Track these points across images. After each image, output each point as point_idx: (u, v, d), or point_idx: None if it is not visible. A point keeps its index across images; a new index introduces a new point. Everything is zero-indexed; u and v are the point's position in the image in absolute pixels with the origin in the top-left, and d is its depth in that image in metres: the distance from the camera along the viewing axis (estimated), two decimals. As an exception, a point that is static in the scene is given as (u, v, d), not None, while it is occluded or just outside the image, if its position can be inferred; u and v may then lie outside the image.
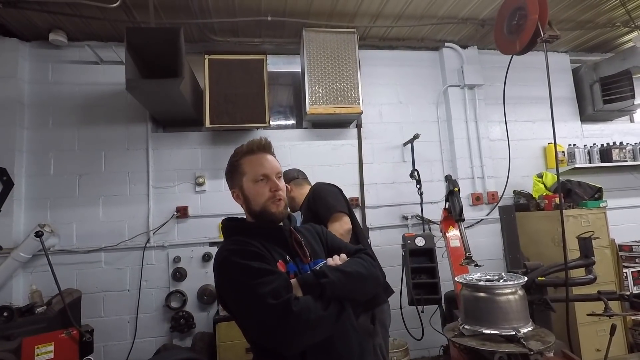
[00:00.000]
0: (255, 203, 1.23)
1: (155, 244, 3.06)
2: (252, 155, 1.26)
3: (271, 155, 1.30)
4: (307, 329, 1.02)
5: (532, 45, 2.39)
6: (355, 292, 1.17)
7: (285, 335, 1.00)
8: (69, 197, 3.02)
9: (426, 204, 3.36)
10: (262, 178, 1.23)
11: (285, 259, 1.18)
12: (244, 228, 1.25)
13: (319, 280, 1.09)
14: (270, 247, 1.19)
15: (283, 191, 1.25)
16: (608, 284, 2.98)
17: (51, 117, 3.09)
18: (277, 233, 1.24)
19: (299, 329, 1.01)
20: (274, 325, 1.00)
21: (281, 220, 1.25)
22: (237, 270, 1.08)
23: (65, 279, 2.77)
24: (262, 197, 1.22)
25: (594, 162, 3.69)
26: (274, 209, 1.22)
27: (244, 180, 1.25)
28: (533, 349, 1.44)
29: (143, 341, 2.95)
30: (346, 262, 1.22)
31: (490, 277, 1.76)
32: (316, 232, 1.40)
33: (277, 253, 1.19)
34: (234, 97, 2.99)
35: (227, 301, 1.16)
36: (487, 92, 3.73)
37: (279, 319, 1.00)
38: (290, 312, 1.00)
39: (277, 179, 1.25)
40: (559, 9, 3.23)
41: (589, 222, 3.10)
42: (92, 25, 3.00)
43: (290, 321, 1.00)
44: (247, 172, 1.25)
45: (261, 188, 1.22)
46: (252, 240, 1.17)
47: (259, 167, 1.24)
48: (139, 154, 3.16)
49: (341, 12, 3.12)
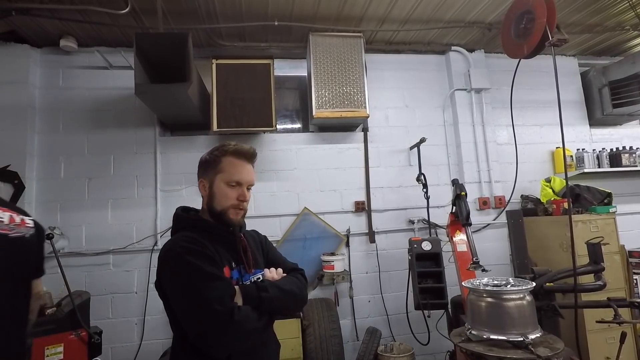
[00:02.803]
0: (218, 203, 1.26)
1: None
2: (234, 159, 1.30)
3: (251, 166, 1.34)
4: (243, 337, 1.11)
5: (540, 49, 2.38)
6: (286, 309, 1.27)
7: (222, 340, 1.08)
8: (78, 200, 3.06)
9: (432, 208, 3.35)
10: (234, 184, 1.27)
11: (231, 265, 1.24)
12: (198, 224, 1.29)
13: (259, 294, 1.17)
14: (220, 250, 1.23)
15: (247, 203, 1.31)
16: (618, 291, 2.94)
17: (61, 121, 3.14)
18: (228, 237, 1.29)
19: (236, 336, 1.09)
20: (215, 330, 1.07)
21: (234, 226, 1.31)
22: (189, 270, 1.12)
23: (74, 281, 2.80)
24: (228, 201, 1.26)
25: (603, 167, 3.65)
26: (233, 215, 1.27)
27: (217, 178, 1.28)
28: (541, 355, 1.43)
29: (150, 343, 2.97)
30: (284, 280, 1.30)
31: (498, 283, 1.75)
32: (259, 240, 1.46)
33: (225, 257, 1.23)
34: (241, 101, 3.01)
35: (169, 293, 1.19)
36: (494, 96, 3.71)
37: (220, 325, 1.07)
38: (232, 321, 1.07)
39: (247, 191, 1.31)
40: (567, 12, 3.21)
41: (598, 228, 3.06)
42: (101, 31, 3.05)
43: (230, 328, 1.07)
44: (223, 172, 1.28)
45: (230, 192, 1.26)
46: (203, 239, 1.20)
47: (236, 172, 1.28)
48: (147, 157, 3.19)
49: (347, 17, 3.13)
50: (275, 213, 3.27)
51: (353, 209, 3.38)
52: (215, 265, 1.16)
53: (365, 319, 3.26)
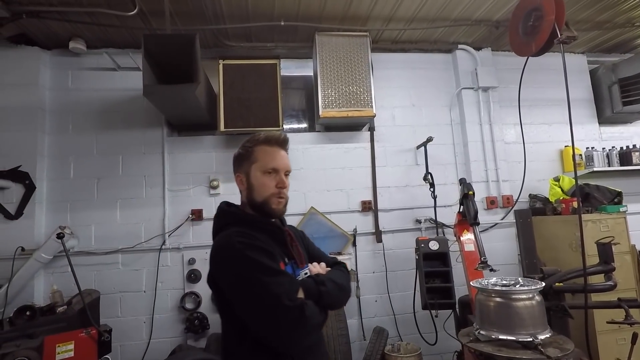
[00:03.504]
0: (258, 194, 1.22)
1: (170, 246, 3.11)
2: (267, 146, 1.26)
3: (285, 152, 1.29)
4: (312, 332, 1.09)
5: (548, 46, 2.35)
6: (338, 303, 1.24)
7: (293, 336, 1.04)
8: (87, 200, 3.09)
9: (440, 207, 3.33)
10: (271, 171, 1.23)
11: (284, 260, 1.21)
12: (247, 219, 1.24)
13: (319, 288, 1.14)
14: (273, 245, 1.20)
15: (287, 190, 1.26)
16: (629, 291, 2.90)
17: (71, 122, 3.18)
18: (277, 232, 1.26)
19: (306, 331, 1.06)
20: (286, 327, 1.03)
21: (278, 217, 1.28)
22: (252, 266, 1.07)
23: (84, 280, 2.84)
24: (267, 190, 1.22)
25: (613, 166, 3.60)
26: (275, 205, 1.22)
27: (253, 168, 1.24)
28: (551, 356, 1.42)
29: (158, 341, 3.00)
30: (334, 274, 1.26)
31: (507, 282, 1.74)
32: (300, 236, 1.42)
33: (277, 252, 1.19)
34: (248, 102, 3.02)
35: (228, 290, 1.12)
36: (502, 95, 3.68)
37: (292, 321, 1.03)
38: (303, 316, 1.04)
39: (285, 177, 1.25)
40: (576, 9, 3.17)
41: (608, 227, 3.02)
42: (110, 33, 3.08)
43: (301, 324, 1.04)
44: (257, 161, 1.24)
45: (268, 180, 1.22)
46: (256, 234, 1.17)
47: (271, 159, 1.23)
48: (154, 157, 3.22)
49: (353, 16, 3.13)
50: (282, 213, 3.27)
51: (360, 209, 3.38)
52: (275, 260, 1.13)
53: (372, 319, 3.26)
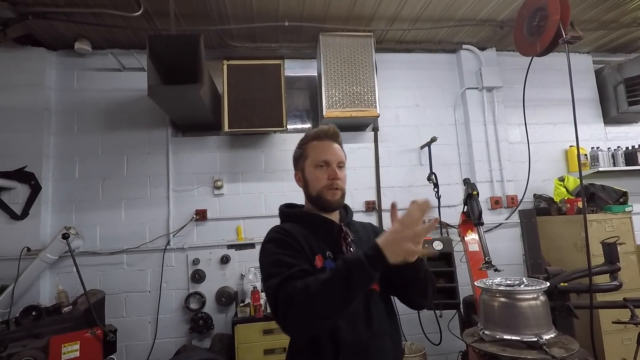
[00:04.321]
0: (313, 188, 1.27)
1: (175, 246, 3.12)
2: (317, 141, 1.31)
3: (337, 145, 1.32)
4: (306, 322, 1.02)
5: (553, 46, 2.35)
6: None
7: (283, 324, 1.03)
8: (92, 200, 3.11)
9: (444, 207, 3.33)
10: (322, 164, 1.26)
11: (325, 254, 1.19)
12: (297, 216, 1.31)
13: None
14: (315, 239, 1.21)
15: (342, 181, 1.28)
16: (634, 291, 2.87)
17: (76, 123, 3.20)
18: (326, 227, 1.26)
19: (295, 321, 1.01)
20: (277, 315, 1.03)
21: (335, 208, 1.29)
22: (267, 256, 1.15)
23: (89, 280, 2.85)
24: (320, 183, 1.25)
25: (619, 166, 3.58)
26: (330, 196, 1.25)
27: (306, 164, 1.30)
28: (556, 356, 1.41)
29: (163, 341, 3.01)
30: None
31: (511, 282, 1.74)
32: (374, 232, 1.39)
33: (319, 247, 1.20)
34: (252, 102, 3.03)
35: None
36: (506, 94, 3.67)
37: (276, 310, 1.02)
38: (289, 307, 1.01)
39: (338, 168, 1.28)
40: (581, 9, 3.16)
41: (613, 227, 3.01)
42: (115, 34, 3.10)
43: (284, 314, 1.01)
44: (309, 156, 1.30)
45: (320, 173, 1.26)
46: (302, 228, 1.22)
47: (321, 152, 1.28)
48: (159, 158, 3.23)
49: (358, 16, 3.13)
50: (285, 213, 3.28)
51: (364, 209, 3.37)
52: (295, 253, 1.13)
53: (376, 319, 3.25)
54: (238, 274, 3.15)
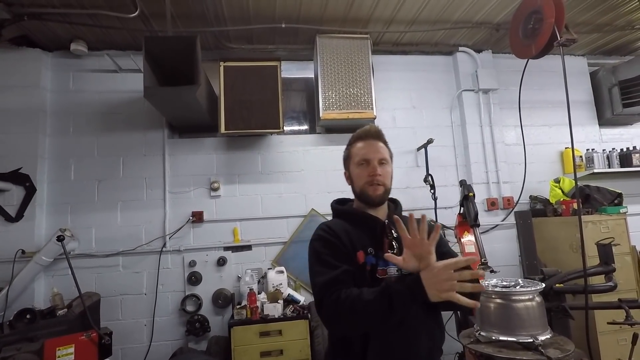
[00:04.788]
0: (356, 185, 1.36)
1: (171, 248, 3.11)
2: (360, 141, 1.39)
3: (379, 142, 1.39)
4: (338, 321, 1.13)
5: (548, 49, 2.37)
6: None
7: (326, 322, 1.17)
8: (88, 202, 3.09)
9: (440, 209, 3.33)
10: (363, 162, 1.34)
11: (366, 251, 1.25)
12: (344, 213, 1.39)
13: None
14: (358, 235, 1.28)
15: (383, 177, 1.32)
16: (629, 292, 2.90)
17: (72, 124, 3.18)
18: (369, 224, 1.31)
19: (334, 321, 1.15)
20: (319, 312, 1.16)
21: (378, 203, 1.33)
22: (311, 253, 1.27)
23: (84, 283, 2.83)
24: (361, 180, 1.33)
25: (614, 167, 3.61)
26: (372, 192, 1.31)
27: (351, 164, 1.39)
28: (552, 357, 1.42)
29: (159, 344, 3.00)
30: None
31: (507, 284, 1.74)
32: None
33: (361, 243, 1.26)
34: (249, 103, 3.03)
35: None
36: (502, 96, 3.69)
37: (320, 310, 1.16)
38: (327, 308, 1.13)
39: (380, 165, 1.33)
40: (576, 11, 3.18)
41: (608, 228, 3.03)
42: (111, 35, 3.09)
43: (325, 314, 1.14)
44: (353, 156, 1.38)
45: (362, 171, 1.33)
46: (348, 224, 1.31)
47: (362, 151, 1.36)
48: (155, 159, 3.22)
49: (354, 18, 3.14)
50: (282, 214, 3.28)
51: (360, 210, 3.37)
52: (338, 253, 1.22)
53: (373, 321, 3.25)
54: (235, 276, 3.14)
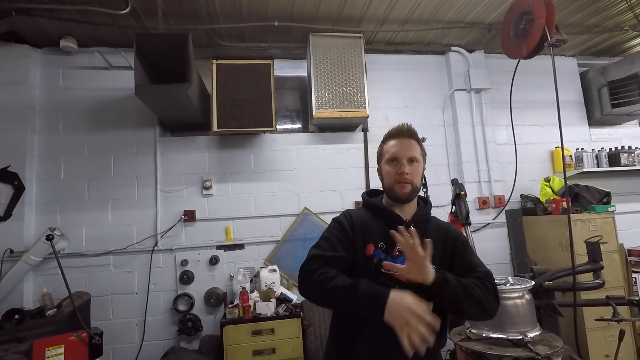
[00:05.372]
0: (386, 182, 1.40)
1: (163, 247, 3.09)
2: (392, 140, 1.43)
3: (411, 140, 1.41)
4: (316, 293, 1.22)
5: (539, 49, 2.40)
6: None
7: (301, 286, 1.26)
8: (78, 201, 3.06)
9: (433, 207, 3.34)
10: (393, 160, 1.38)
11: (377, 244, 1.30)
12: (370, 205, 1.45)
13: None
14: (376, 228, 1.34)
15: (412, 175, 1.35)
16: (617, 289, 2.95)
17: (61, 122, 3.14)
18: (390, 220, 1.35)
19: (310, 289, 1.23)
20: (300, 275, 1.25)
21: (404, 201, 1.37)
22: (326, 229, 1.38)
23: (74, 282, 2.81)
24: (390, 178, 1.37)
25: (602, 167, 3.66)
26: (399, 190, 1.35)
27: (382, 161, 1.43)
28: (540, 353, 1.44)
29: (151, 344, 2.98)
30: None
31: (497, 281, 1.76)
32: (446, 238, 1.38)
33: (375, 237, 1.31)
34: (241, 102, 3.01)
35: None
36: (494, 96, 3.72)
37: (302, 273, 1.25)
38: (309, 275, 1.22)
39: (409, 163, 1.36)
40: (566, 13, 3.22)
41: (597, 227, 3.08)
42: (102, 32, 3.05)
43: (305, 280, 1.23)
44: (384, 153, 1.42)
45: (391, 169, 1.37)
46: (370, 215, 1.39)
47: (393, 149, 1.39)
48: (147, 158, 3.20)
49: (347, 17, 3.14)
50: (275, 213, 3.28)
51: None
52: (344, 239, 1.30)
53: (366, 319, 3.26)
54: (227, 274, 3.13)
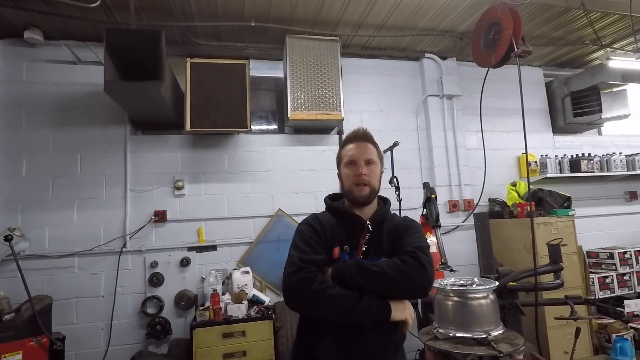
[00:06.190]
0: (344, 185, 1.43)
1: (131, 248, 3.00)
2: (349, 144, 1.45)
3: (367, 144, 1.44)
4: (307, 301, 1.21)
5: (506, 59, 2.50)
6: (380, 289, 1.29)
7: (287, 297, 1.24)
8: (41, 200, 2.92)
9: (405, 210, 3.40)
10: (350, 163, 1.40)
11: (342, 247, 1.32)
12: (331, 209, 1.46)
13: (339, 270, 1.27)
14: (339, 232, 1.35)
15: (369, 176, 1.37)
16: (575, 289, 3.10)
17: (24, 117, 2.99)
18: (350, 222, 1.38)
19: (296, 297, 1.22)
20: (285, 287, 1.23)
21: (363, 203, 1.39)
22: (298, 233, 1.35)
23: (35, 285, 2.68)
24: (349, 180, 1.39)
25: (564, 172, 3.84)
26: (357, 192, 1.37)
27: (341, 165, 1.45)
28: (503, 351, 1.49)
29: (117, 348, 2.88)
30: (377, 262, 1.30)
31: (464, 282, 1.81)
32: (396, 233, 1.42)
33: (339, 239, 1.34)
34: (216, 101, 2.97)
35: None
36: (465, 103, 3.84)
37: (286, 284, 1.23)
38: (294, 283, 1.21)
39: (367, 165, 1.39)
40: (533, 25, 3.37)
41: (558, 230, 3.23)
42: (70, 24, 2.94)
43: (291, 289, 1.22)
44: (343, 158, 1.45)
45: (349, 171, 1.40)
46: (333, 219, 1.38)
47: (350, 153, 1.42)
48: (116, 156, 3.10)
49: (324, 20, 3.16)
50: (249, 214, 3.25)
51: (327, 211, 3.40)
52: (318, 239, 1.31)
53: (338, 320, 3.28)
54: (198, 276, 3.08)
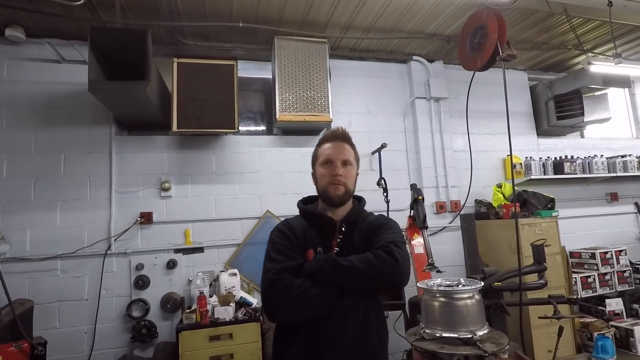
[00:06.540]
0: (320, 185, 1.42)
1: (116, 250, 2.95)
2: (326, 143, 1.44)
3: (344, 144, 1.43)
4: (291, 305, 1.21)
5: (491, 62, 2.54)
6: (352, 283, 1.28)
7: (267, 305, 1.25)
8: (22, 201, 2.85)
9: (392, 211, 3.43)
10: (326, 163, 1.39)
11: (316, 249, 1.32)
12: (303, 212, 1.47)
13: (311, 267, 1.27)
14: (312, 234, 1.36)
15: (345, 177, 1.38)
16: (559, 289, 3.16)
17: (5, 116, 2.92)
18: (322, 224, 1.38)
19: (279, 303, 1.22)
20: (264, 296, 1.24)
21: (338, 203, 1.39)
22: (271, 242, 1.35)
23: (16, 289, 2.60)
24: (324, 180, 1.39)
25: (548, 174, 3.92)
26: (332, 192, 1.37)
27: (317, 165, 1.44)
28: (488, 350, 1.51)
29: (101, 353, 2.82)
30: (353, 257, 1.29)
31: (450, 283, 1.83)
32: (369, 232, 1.42)
33: (313, 242, 1.34)
34: (203, 102, 2.95)
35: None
36: (452, 105, 3.89)
37: (266, 291, 1.24)
38: (276, 288, 1.21)
39: (343, 166, 1.39)
40: (518, 29, 3.43)
41: (542, 231, 3.29)
42: (53, 22, 2.88)
43: (272, 295, 1.22)
44: (319, 157, 1.44)
45: (324, 171, 1.39)
46: (305, 223, 1.39)
47: (326, 152, 1.41)
48: (101, 157, 3.04)
49: (313, 22, 3.17)
50: (237, 216, 3.22)
51: (316, 212, 3.40)
52: (292, 245, 1.31)
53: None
54: (185, 279, 3.04)
